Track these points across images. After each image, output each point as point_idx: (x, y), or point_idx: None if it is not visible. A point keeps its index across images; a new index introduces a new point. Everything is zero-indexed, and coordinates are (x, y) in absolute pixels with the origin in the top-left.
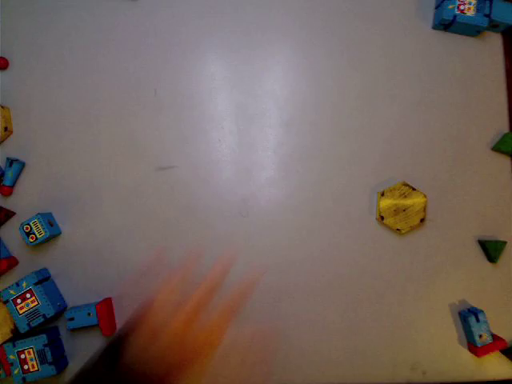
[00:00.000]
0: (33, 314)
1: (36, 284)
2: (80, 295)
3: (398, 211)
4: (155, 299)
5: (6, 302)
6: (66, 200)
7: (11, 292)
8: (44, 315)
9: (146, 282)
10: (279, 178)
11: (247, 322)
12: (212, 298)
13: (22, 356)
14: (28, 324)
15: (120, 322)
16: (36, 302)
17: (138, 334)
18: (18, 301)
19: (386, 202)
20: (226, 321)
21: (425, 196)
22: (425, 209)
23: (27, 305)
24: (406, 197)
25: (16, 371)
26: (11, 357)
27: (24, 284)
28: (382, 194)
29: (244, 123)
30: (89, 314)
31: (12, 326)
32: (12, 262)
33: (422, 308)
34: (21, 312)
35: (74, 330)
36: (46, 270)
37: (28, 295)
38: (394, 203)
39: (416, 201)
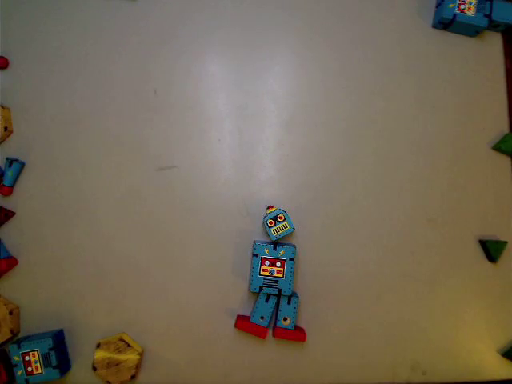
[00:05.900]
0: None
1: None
2: (79, 295)
3: (110, 365)
4: None
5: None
6: (65, 200)
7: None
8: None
9: None
10: (279, 177)
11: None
12: None
13: (27, 358)
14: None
15: None
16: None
17: None
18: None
19: (100, 354)
20: None
21: (139, 354)
22: (137, 366)
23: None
24: (120, 352)
25: (19, 372)
26: (15, 358)
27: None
28: (98, 346)
29: (244, 123)
30: None
31: (12, 326)
32: (12, 263)
33: (422, 308)
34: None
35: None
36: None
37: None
38: (108, 356)
39: (130, 357)
